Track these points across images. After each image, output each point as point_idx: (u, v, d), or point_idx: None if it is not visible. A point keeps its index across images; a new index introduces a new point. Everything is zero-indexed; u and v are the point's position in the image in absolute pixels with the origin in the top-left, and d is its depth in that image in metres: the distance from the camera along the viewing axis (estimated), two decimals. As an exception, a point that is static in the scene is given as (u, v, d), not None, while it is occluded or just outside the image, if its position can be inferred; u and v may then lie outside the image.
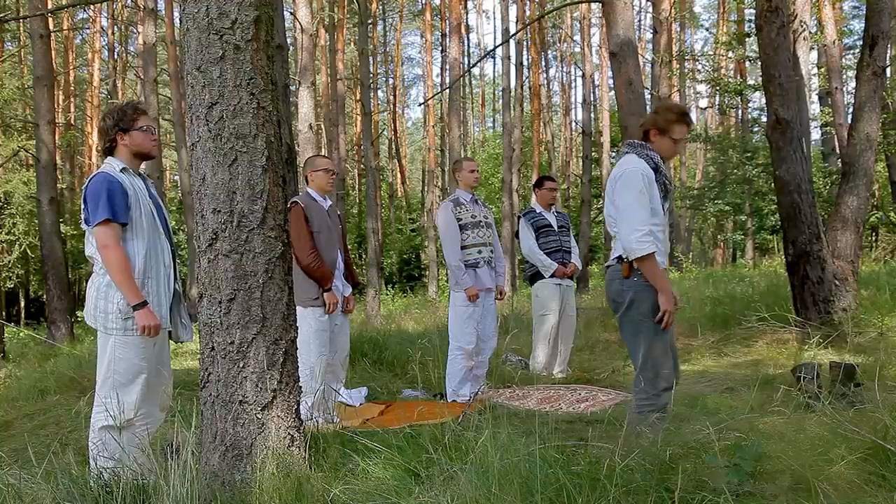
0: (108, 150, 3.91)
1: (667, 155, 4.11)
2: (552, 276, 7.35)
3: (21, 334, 17.69)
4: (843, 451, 2.92)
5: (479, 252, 6.47)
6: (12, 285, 28.86)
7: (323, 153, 28.14)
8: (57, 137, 18.94)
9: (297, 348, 3.39)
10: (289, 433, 3.21)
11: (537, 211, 7.62)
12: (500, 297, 6.72)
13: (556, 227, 7.54)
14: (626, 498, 2.60)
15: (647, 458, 2.86)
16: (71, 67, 31.93)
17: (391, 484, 2.99)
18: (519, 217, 7.82)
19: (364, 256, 37.97)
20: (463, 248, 6.44)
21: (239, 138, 3.19)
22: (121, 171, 3.78)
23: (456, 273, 6.41)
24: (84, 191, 3.78)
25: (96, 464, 3.52)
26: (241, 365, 3.15)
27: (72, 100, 33.77)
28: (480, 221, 6.53)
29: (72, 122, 32.93)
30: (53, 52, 21.13)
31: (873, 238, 25.52)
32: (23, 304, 32.96)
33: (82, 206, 3.80)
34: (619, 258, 4.00)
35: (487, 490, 2.59)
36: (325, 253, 5.52)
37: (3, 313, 29.45)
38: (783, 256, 8.45)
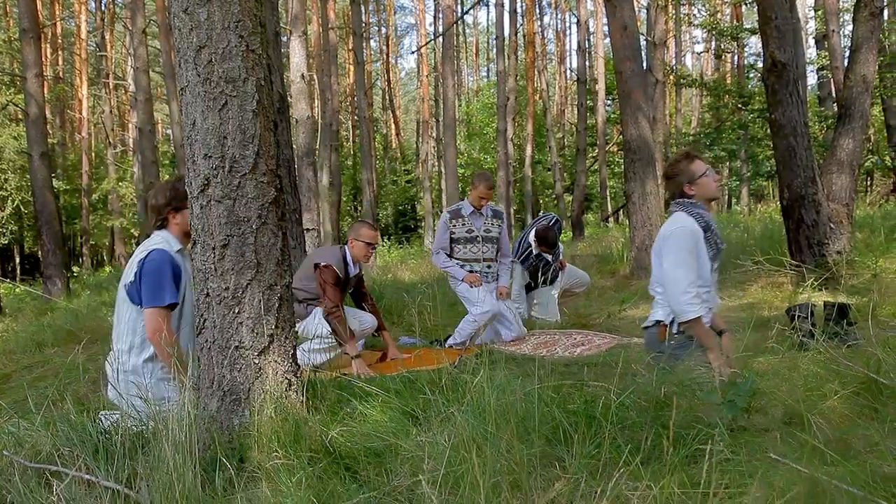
0: (159, 226, 3.90)
1: (713, 192, 4.07)
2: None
3: (17, 290, 17.69)
4: (836, 387, 2.94)
5: (470, 267, 6.70)
6: (6, 241, 28.83)
7: (316, 104, 27.86)
8: (46, 91, 18.73)
9: (292, 293, 3.38)
10: (286, 377, 3.22)
11: (534, 253, 7.79)
12: (501, 296, 6.77)
13: (552, 263, 7.86)
14: (622, 434, 2.62)
15: (643, 396, 2.88)
16: (57, 19, 31.42)
17: (389, 426, 3.00)
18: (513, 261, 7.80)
19: (359, 208, 37.89)
20: (452, 258, 6.74)
21: (228, 82, 3.14)
22: (177, 251, 3.78)
23: (448, 272, 6.74)
24: (142, 264, 3.71)
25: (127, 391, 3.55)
26: (236, 311, 3.15)
27: (60, 53, 33.33)
28: (477, 237, 6.67)
29: (60, 75, 32.52)
30: (39, 4, 20.77)
31: (868, 182, 25.50)
32: (18, 260, 32.96)
33: (134, 277, 3.72)
34: (658, 322, 4.05)
35: (484, 429, 2.61)
36: None
37: (-1, 270, 29.44)
38: (778, 202, 8.44)
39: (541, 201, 36.22)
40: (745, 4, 21.36)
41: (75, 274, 22.06)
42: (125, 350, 3.76)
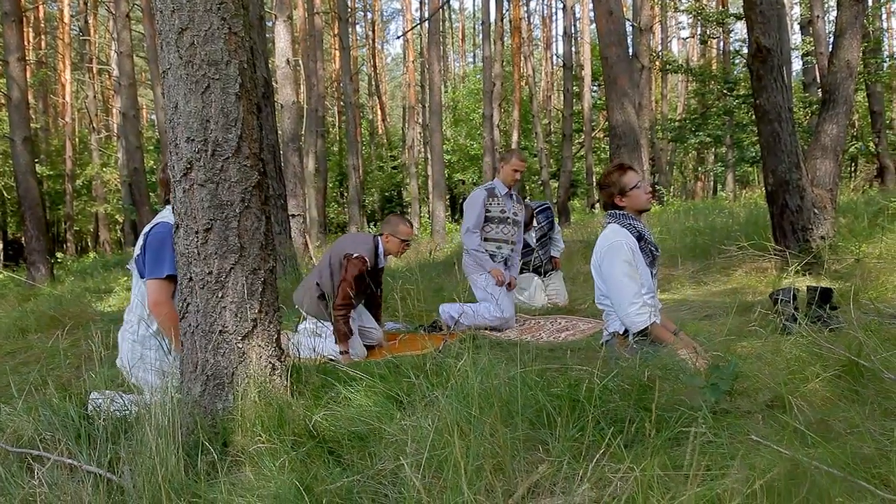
0: (169, 200, 3.89)
1: (643, 205, 4.16)
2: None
3: (1, 276, 17.56)
4: (817, 370, 2.96)
5: (499, 248, 6.58)
6: (-11, 227, 28.59)
7: (301, 90, 27.70)
8: (28, 75, 18.54)
9: (276, 278, 3.37)
10: (270, 362, 3.21)
11: None
12: (510, 287, 6.70)
13: (534, 245, 7.94)
14: (605, 417, 2.63)
15: (626, 380, 2.89)
16: (40, 3, 31.07)
17: (373, 410, 3.00)
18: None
19: (345, 194, 37.78)
20: (484, 239, 6.56)
21: (211, 65, 3.11)
22: None
23: (475, 255, 6.51)
24: (146, 235, 3.76)
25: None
26: (219, 295, 3.13)
27: (42, 37, 32.99)
28: (508, 218, 6.60)
29: (43, 59, 32.20)
30: (20, -13, 20.48)
31: (853, 168, 25.65)
32: (1, 246, 32.72)
33: (140, 250, 3.77)
34: (613, 334, 4.09)
35: (468, 413, 2.61)
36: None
37: (-18, 256, 29.20)
38: (763, 187, 8.47)
39: (527, 187, 36.24)
40: (731, -10, 21.40)
41: (59, 260, 21.92)
42: (135, 321, 3.82)
